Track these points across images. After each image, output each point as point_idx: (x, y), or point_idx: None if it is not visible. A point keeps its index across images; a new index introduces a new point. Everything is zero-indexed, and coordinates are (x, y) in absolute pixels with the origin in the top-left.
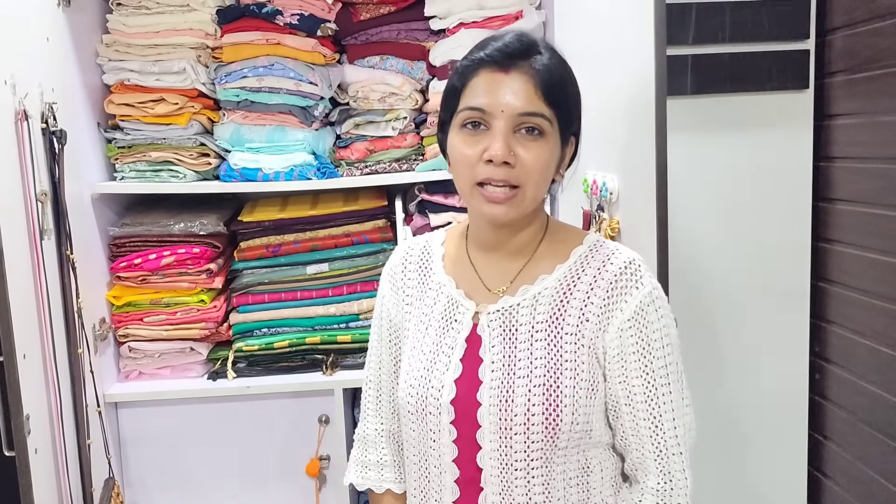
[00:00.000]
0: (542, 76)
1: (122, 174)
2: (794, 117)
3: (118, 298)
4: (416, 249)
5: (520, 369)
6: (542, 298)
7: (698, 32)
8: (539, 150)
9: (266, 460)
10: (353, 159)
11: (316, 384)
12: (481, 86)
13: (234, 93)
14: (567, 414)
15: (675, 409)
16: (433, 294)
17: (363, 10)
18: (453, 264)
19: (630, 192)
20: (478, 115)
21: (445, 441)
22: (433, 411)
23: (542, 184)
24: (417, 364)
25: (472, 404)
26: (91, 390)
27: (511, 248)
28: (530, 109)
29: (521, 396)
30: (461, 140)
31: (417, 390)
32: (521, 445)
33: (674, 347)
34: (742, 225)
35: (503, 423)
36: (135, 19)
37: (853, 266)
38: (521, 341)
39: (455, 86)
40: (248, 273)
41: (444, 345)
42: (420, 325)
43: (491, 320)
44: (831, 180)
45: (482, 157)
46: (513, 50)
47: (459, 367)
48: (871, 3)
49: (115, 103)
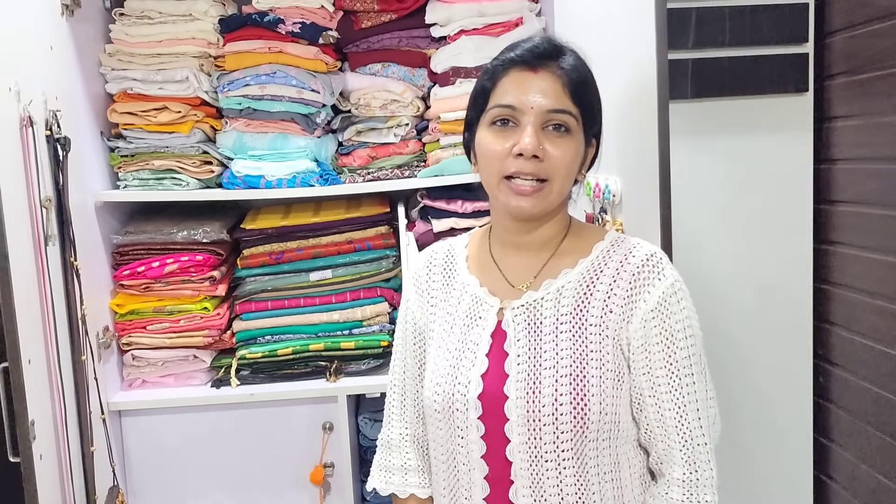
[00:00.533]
0: (570, 75)
1: (126, 183)
2: (794, 120)
3: (121, 307)
4: (440, 253)
5: (546, 360)
6: (566, 292)
7: (699, 37)
8: (566, 145)
9: (270, 468)
10: (356, 166)
11: (320, 391)
12: (511, 84)
13: (237, 101)
14: (595, 403)
15: (699, 401)
16: (458, 294)
17: (364, 19)
18: (477, 264)
19: (633, 194)
20: (508, 113)
21: (473, 437)
22: (460, 408)
23: (568, 179)
24: (443, 362)
25: (500, 398)
26: (95, 397)
27: (534, 243)
28: (558, 106)
29: (549, 388)
30: (491, 136)
31: (444, 388)
32: (551, 437)
33: (697, 339)
34: (744, 227)
35: (531, 416)
36: (138, 29)
37: (855, 268)
38: (546, 334)
39: (485, 86)
40: (252, 280)
41: (469, 342)
42: (445, 324)
43: (516, 315)
44: (832, 182)
45: (511, 151)
46: (542, 51)
47: (485, 363)
48: (869, 5)
49: (118, 112)
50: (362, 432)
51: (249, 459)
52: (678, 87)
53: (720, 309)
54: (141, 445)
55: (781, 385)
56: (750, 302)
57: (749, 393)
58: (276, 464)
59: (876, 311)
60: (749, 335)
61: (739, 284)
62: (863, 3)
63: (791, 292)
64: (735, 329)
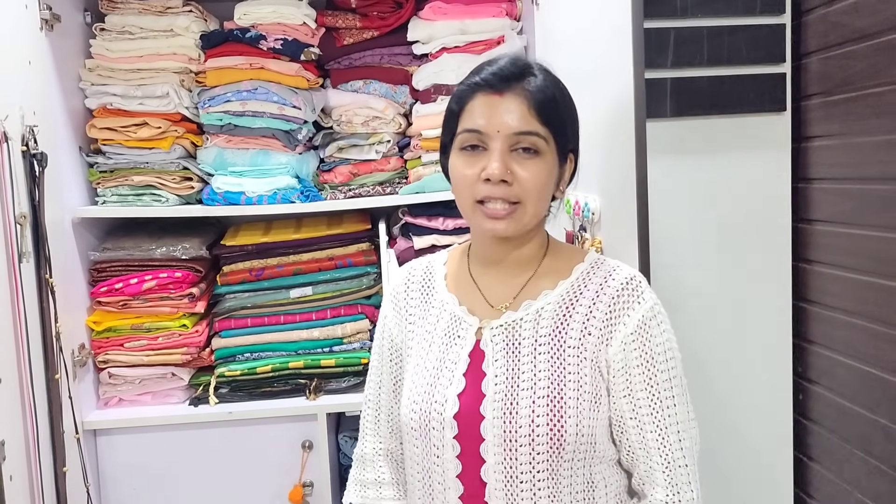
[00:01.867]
0: (536, 96)
1: (104, 198)
2: (772, 139)
3: (98, 324)
4: (418, 270)
5: (523, 381)
6: (545, 313)
7: (677, 56)
8: (536, 167)
9: (248, 487)
10: (337, 182)
11: (299, 409)
12: (477, 108)
13: (218, 117)
14: (571, 425)
15: (680, 423)
16: (436, 312)
17: (346, 35)
18: (456, 282)
19: (612, 212)
20: (475, 137)
21: (449, 457)
22: (437, 426)
23: (541, 200)
24: (421, 380)
25: (476, 418)
26: (69, 417)
27: (513, 264)
28: (525, 129)
29: (526, 408)
30: (461, 161)
31: (421, 406)
32: (527, 458)
33: (677, 361)
34: (723, 246)
35: (507, 436)
36: (118, 44)
37: (833, 286)
38: (525, 355)
39: (453, 109)
40: (231, 297)
41: (447, 360)
42: (423, 342)
43: (494, 335)
44: (810, 201)
45: (480, 176)
46: (506, 73)
47: (463, 382)
48: (844, 27)
49: (97, 127)
50: (342, 451)
51: (228, 479)
52: (657, 106)
53: (699, 327)
54: (117, 465)
55: (761, 403)
56: (729, 320)
57: (729, 411)
58: (254, 483)
59: (853, 329)
60: (728, 353)
61: (718, 303)
62: (837, 24)
63: (770, 310)
64: (714, 347)
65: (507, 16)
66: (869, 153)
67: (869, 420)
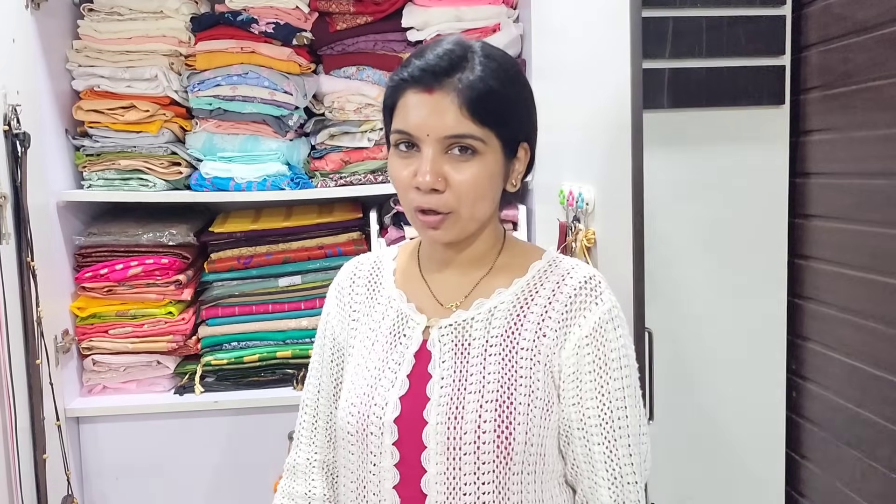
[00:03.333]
0: (469, 94)
1: (90, 182)
2: (770, 133)
3: (82, 310)
4: (365, 265)
5: (471, 384)
6: (498, 312)
7: (675, 47)
8: (471, 170)
9: (234, 477)
10: (328, 170)
11: (286, 399)
12: (406, 108)
13: (207, 101)
14: (520, 433)
15: (630, 436)
16: (382, 309)
17: (340, 21)
18: (405, 279)
19: (606, 203)
20: (406, 138)
21: (387, 465)
22: (375, 431)
23: (479, 202)
24: (361, 381)
25: (418, 423)
26: (50, 403)
27: (464, 262)
28: (457, 132)
29: (472, 413)
30: (395, 162)
31: (359, 408)
32: (471, 468)
33: (632, 370)
34: (719, 240)
35: (451, 443)
36: (107, 25)
37: (829, 283)
38: (474, 356)
39: (386, 104)
40: (219, 285)
41: (390, 361)
42: (366, 341)
43: (442, 335)
44: (807, 196)
45: (412, 182)
46: (434, 67)
47: (406, 384)
48: (845, 20)
49: (83, 109)
50: None
51: (213, 469)
52: (654, 97)
53: (692, 322)
54: (100, 453)
55: (754, 400)
56: (723, 315)
57: (721, 407)
58: (240, 473)
59: (848, 327)
60: (722, 349)
61: (713, 297)
62: (838, 17)
63: (765, 306)
64: (708, 343)
65: (503, 3)
66: (869, 148)
67: (862, 418)
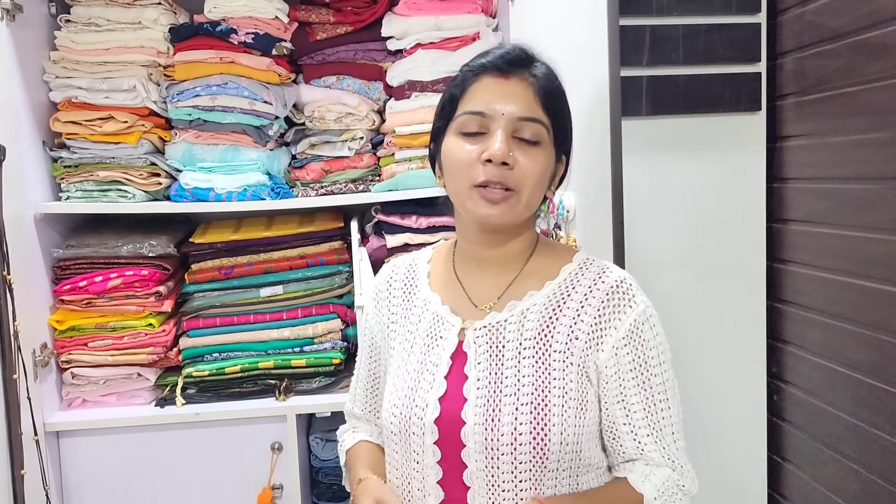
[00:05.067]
0: (542, 83)
1: (68, 194)
2: (747, 139)
3: (61, 323)
4: (401, 268)
5: (506, 387)
6: (531, 315)
7: (653, 54)
8: (536, 156)
9: (216, 490)
10: (309, 179)
11: (268, 410)
12: (481, 91)
13: (187, 111)
14: (556, 433)
15: (675, 424)
16: (418, 311)
17: (319, 30)
18: (439, 281)
19: (587, 210)
20: (477, 120)
21: (430, 462)
22: (417, 431)
23: (537, 191)
24: (402, 384)
25: (457, 423)
26: (28, 418)
27: (500, 260)
28: (529, 114)
29: (508, 415)
30: (457, 144)
31: (401, 410)
32: (508, 465)
33: (669, 363)
34: (698, 245)
35: (489, 443)
36: (84, 36)
37: (807, 286)
38: (509, 358)
39: (453, 93)
40: (200, 296)
41: (428, 363)
42: (405, 343)
43: (477, 336)
44: (784, 201)
45: (480, 158)
46: (513, 57)
47: (444, 385)
48: (819, 27)
49: (61, 121)
50: (314, 453)
51: (195, 482)
52: (633, 104)
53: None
54: (81, 467)
55: (735, 403)
56: (703, 320)
57: (702, 410)
58: (222, 486)
59: (827, 329)
60: (702, 353)
61: (693, 302)
62: (812, 24)
63: (744, 310)
64: (688, 347)
65: (482, 12)
66: (844, 153)
67: (841, 420)
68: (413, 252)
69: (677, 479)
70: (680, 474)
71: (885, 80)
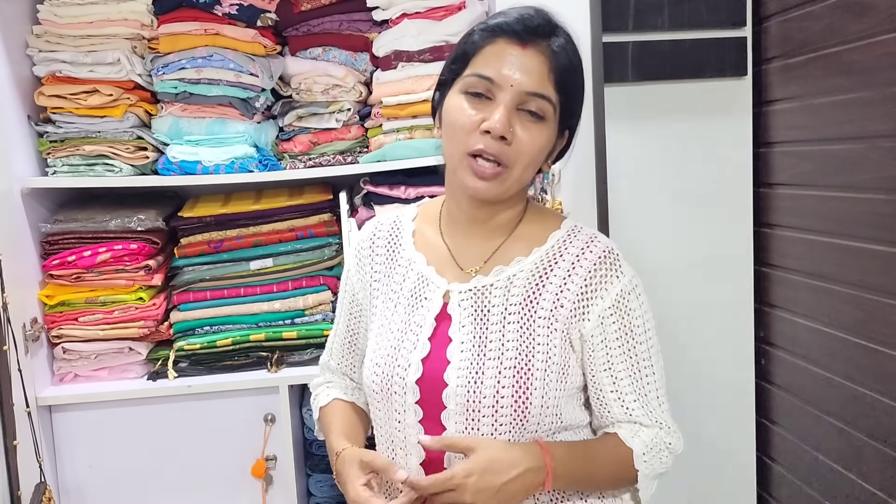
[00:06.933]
0: (559, 59)
1: (55, 169)
2: (733, 104)
3: (51, 298)
4: (385, 225)
5: (490, 351)
6: (517, 281)
7: (637, 20)
8: (538, 132)
9: (210, 462)
10: (297, 152)
11: (261, 382)
12: (494, 55)
13: (172, 84)
14: (537, 398)
15: (659, 388)
16: (402, 271)
17: (304, 1)
18: (425, 241)
19: (572, 175)
20: (485, 84)
21: (411, 421)
22: (398, 391)
23: (530, 167)
24: (384, 343)
25: (439, 384)
26: (19, 390)
27: (487, 227)
28: (538, 90)
29: (491, 378)
30: (460, 104)
31: (383, 369)
32: (489, 429)
33: (654, 331)
34: (684, 210)
35: (470, 405)
36: (67, 9)
37: (794, 249)
38: (493, 323)
39: (466, 50)
40: (189, 270)
41: (412, 323)
42: (388, 302)
43: (462, 299)
44: (771, 165)
45: (480, 126)
46: (535, 25)
47: (427, 346)
48: None
49: (46, 95)
50: (307, 425)
51: (188, 454)
52: (618, 70)
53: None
54: (74, 441)
55: (723, 368)
56: (690, 285)
57: (690, 375)
58: (216, 458)
59: (814, 292)
60: (689, 318)
61: (680, 268)
62: None
63: (732, 275)
64: (675, 312)
65: None
66: (828, 114)
67: (828, 381)
68: (396, 210)
69: (664, 437)
70: (666, 433)
71: (868, 39)
